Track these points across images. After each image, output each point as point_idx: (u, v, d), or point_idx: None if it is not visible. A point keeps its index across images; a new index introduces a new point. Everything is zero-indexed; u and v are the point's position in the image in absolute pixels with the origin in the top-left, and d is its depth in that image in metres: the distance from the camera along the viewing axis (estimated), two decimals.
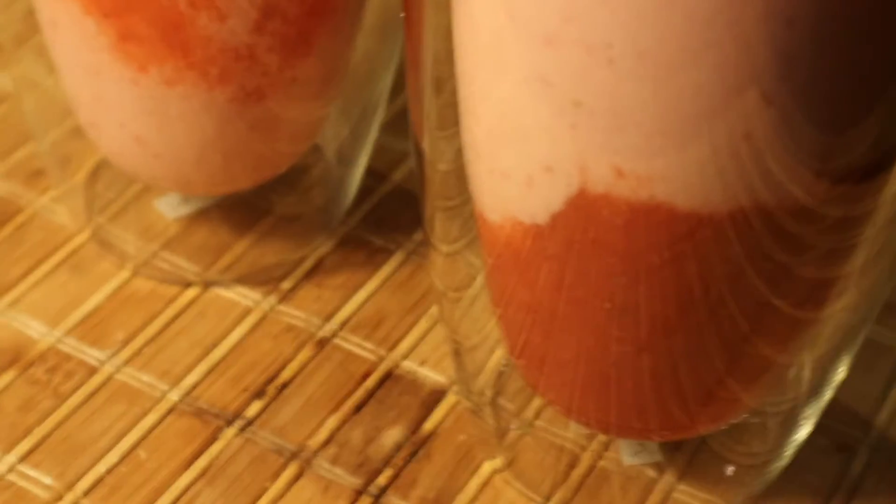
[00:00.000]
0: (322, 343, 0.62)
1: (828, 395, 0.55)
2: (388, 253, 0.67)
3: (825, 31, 0.42)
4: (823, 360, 0.54)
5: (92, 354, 0.61)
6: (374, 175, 0.68)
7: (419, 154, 0.53)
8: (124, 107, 0.58)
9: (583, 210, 0.47)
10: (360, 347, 0.62)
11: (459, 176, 0.52)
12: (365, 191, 0.67)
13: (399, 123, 0.69)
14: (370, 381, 0.61)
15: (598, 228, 0.47)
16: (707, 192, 0.45)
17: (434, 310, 0.62)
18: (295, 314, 0.63)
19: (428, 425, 0.59)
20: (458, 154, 0.51)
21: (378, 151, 0.67)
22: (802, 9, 0.41)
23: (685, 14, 0.41)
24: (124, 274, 0.65)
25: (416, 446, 0.58)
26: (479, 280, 0.55)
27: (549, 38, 0.43)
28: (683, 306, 0.48)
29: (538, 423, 0.58)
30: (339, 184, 0.66)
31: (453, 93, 0.49)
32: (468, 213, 0.53)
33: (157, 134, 0.58)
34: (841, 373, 0.55)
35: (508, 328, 0.54)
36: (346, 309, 0.64)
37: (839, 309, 0.51)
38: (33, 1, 0.58)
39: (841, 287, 0.50)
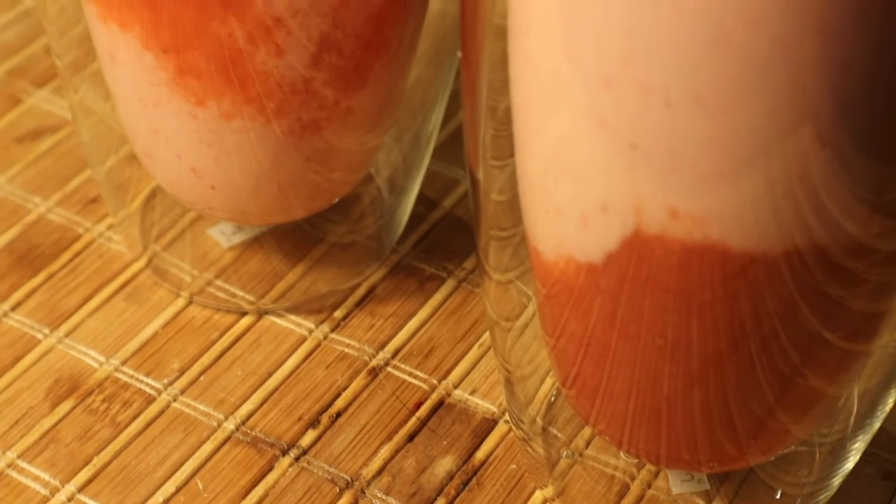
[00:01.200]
0: (375, 372, 0.62)
1: (876, 424, 0.55)
2: (440, 280, 0.66)
3: (879, 75, 0.41)
4: (873, 391, 0.53)
5: (149, 383, 0.61)
6: (425, 202, 0.68)
7: (474, 183, 0.53)
8: (181, 139, 0.58)
9: (637, 249, 0.46)
10: (412, 376, 0.62)
11: (514, 206, 0.51)
12: (416, 217, 0.67)
13: (449, 149, 0.69)
14: (422, 410, 0.60)
15: (652, 267, 0.47)
16: (761, 231, 0.45)
17: (485, 338, 0.62)
18: (348, 343, 0.63)
19: (480, 454, 0.59)
20: (513, 184, 0.51)
21: (428, 178, 0.67)
22: (856, 54, 0.41)
23: (741, 59, 0.41)
24: (180, 302, 0.65)
25: (468, 475, 0.58)
26: (532, 309, 0.55)
27: (607, 80, 0.43)
28: (735, 341, 0.48)
29: (588, 452, 0.57)
30: (392, 211, 0.66)
31: (509, 123, 0.49)
32: (522, 244, 0.52)
33: (214, 165, 0.58)
34: (890, 403, 0.54)
35: (560, 359, 0.53)
36: (399, 337, 0.64)
37: (890, 340, 0.50)
38: (91, 32, 0.58)
39: (891, 319, 0.49)
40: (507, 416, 0.59)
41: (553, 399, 0.58)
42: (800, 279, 0.46)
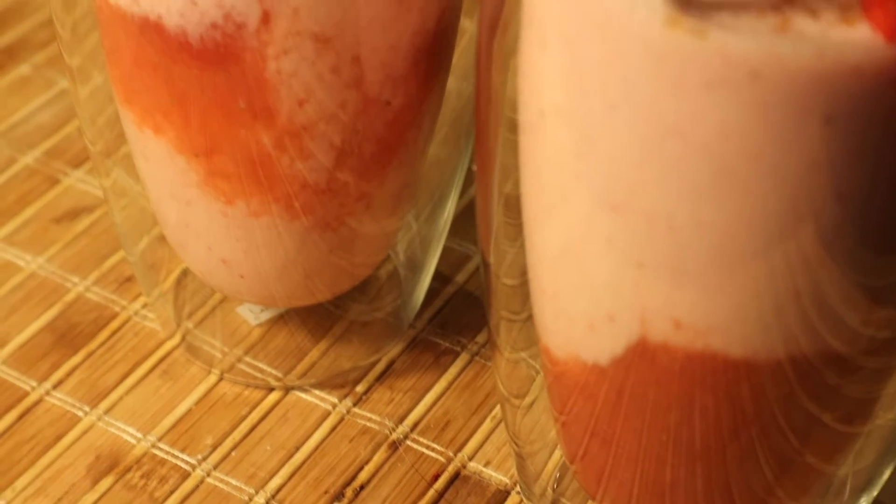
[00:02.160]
0: (395, 445, 0.62)
1: (874, 494, 0.55)
2: (454, 354, 0.66)
3: (872, 203, 0.42)
4: (870, 467, 0.53)
5: (184, 459, 0.61)
6: (439, 277, 0.67)
7: (485, 265, 0.53)
8: (212, 233, 0.58)
9: (642, 355, 0.47)
10: (429, 449, 0.62)
11: (524, 290, 0.51)
12: (430, 293, 0.67)
13: (461, 225, 0.69)
14: (440, 483, 0.60)
15: (656, 371, 0.47)
16: (762, 340, 0.45)
17: (497, 411, 0.62)
18: (370, 416, 0.63)
19: None
20: (524, 269, 0.51)
21: (442, 253, 0.66)
22: (851, 185, 0.41)
23: (742, 189, 0.41)
24: (212, 378, 0.65)
25: None
26: (541, 382, 0.55)
27: (616, 205, 0.44)
28: (736, 435, 0.48)
29: None
30: (409, 289, 0.66)
31: (520, 214, 0.49)
32: (531, 325, 0.52)
33: (243, 257, 0.58)
34: (885, 476, 0.54)
35: (567, 437, 0.53)
36: (417, 411, 0.63)
37: (886, 421, 0.50)
38: (126, 132, 0.58)
39: (887, 402, 0.50)
40: (518, 488, 0.59)
41: (559, 476, 0.57)
42: (801, 377, 0.46)
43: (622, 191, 0.43)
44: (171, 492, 0.60)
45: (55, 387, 0.64)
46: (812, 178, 0.41)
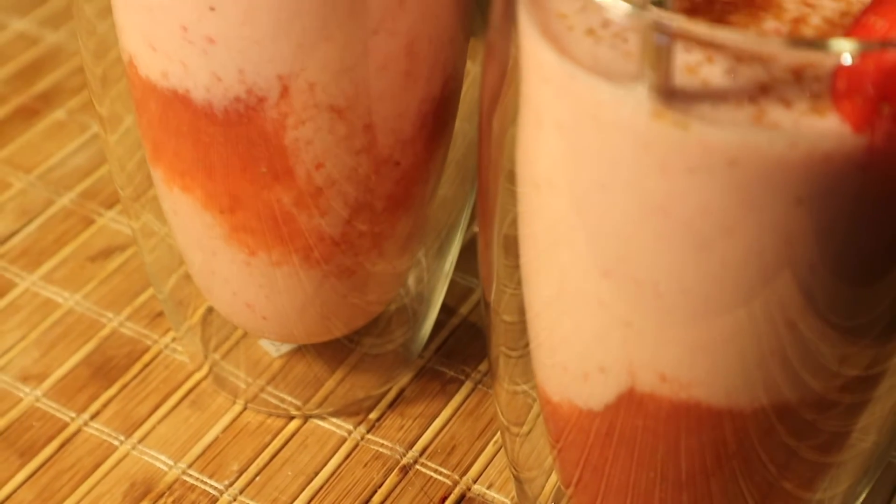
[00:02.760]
0: (405, 469, 0.62)
1: None
2: (459, 383, 0.66)
3: (841, 275, 0.42)
4: (845, 491, 0.53)
5: (212, 485, 0.61)
6: (444, 309, 0.67)
7: (486, 303, 0.53)
8: (236, 280, 0.58)
9: (631, 402, 0.47)
10: (437, 472, 0.61)
11: (522, 329, 0.51)
12: (436, 325, 0.67)
13: (464, 259, 0.68)
14: None
15: (644, 417, 0.47)
16: (742, 391, 0.45)
17: (499, 436, 0.62)
18: (382, 443, 0.63)
19: None
20: (522, 309, 0.51)
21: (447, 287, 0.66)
22: (821, 259, 0.42)
23: (721, 260, 0.42)
24: (237, 408, 0.64)
25: None
26: (537, 410, 0.54)
27: (606, 271, 0.44)
28: (720, 468, 0.49)
29: None
30: (418, 322, 0.66)
31: (518, 258, 0.49)
32: (529, 361, 0.52)
33: (266, 301, 0.59)
34: (861, 497, 0.55)
35: (562, 465, 0.54)
36: (425, 437, 0.63)
37: (860, 449, 0.50)
38: (157, 189, 0.58)
39: (861, 432, 0.50)
40: None
41: (555, 499, 0.57)
42: (780, 418, 0.47)
43: (612, 259, 0.44)
44: None
45: (93, 417, 0.64)
46: (786, 251, 0.41)
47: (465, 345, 0.67)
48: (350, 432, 0.63)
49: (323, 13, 0.49)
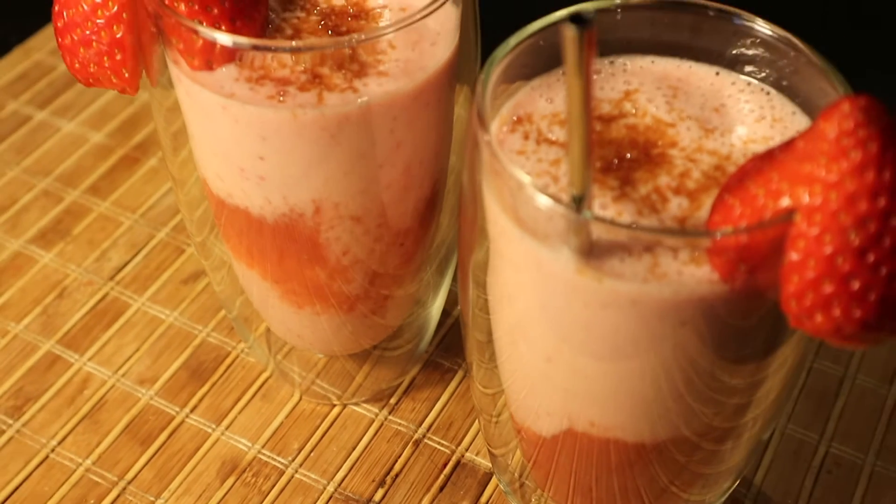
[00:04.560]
0: (417, 443, 0.62)
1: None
2: (454, 372, 0.66)
3: (713, 363, 0.45)
4: (719, 493, 0.54)
5: (278, 460, 0.61)
6: (443, 312, 0.67)
7: (464, 323, 0.53)
8: (288, 321, 0.60)
9: (571, 437, 0.50)
10: (440, 444, 0.62)
11: (490, 349, 0.51)
12: (437, 325, 0.67)
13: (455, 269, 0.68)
14: (447, 469, 0.61)
15: (581, 447, 0.50)
16: (646, 434, 0.48)
17: None
18: (399, 422, 0.63)
19: (483, 499, 0.60)
20: (490, 331, 0.51)
21: None
22: (698, 356, 0.44)
23: (629, 358, 0.45)
24: (295, 398, 0.64)
25: None
26: (503, 402, 0.54)
27: (548, 357, 0.47)
28: (629, 478, 0.51)
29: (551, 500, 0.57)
30: (425, 325, 0.66)
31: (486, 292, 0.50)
32: (496, 371, 0.52)
33: (311, 334, 0.61)
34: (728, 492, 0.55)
35: (524, 448, 0.55)
36: (430, 416, 0.64)
37: (729, 465, 0.52)
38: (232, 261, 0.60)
39: (728, 453, 0.51)
40: (495, 475, 0.60)
41: (521, 469, 0.57)
42: (675, 446, 0.49)
43: (553, 352, 0.46)
44: (273, 486, 0.60)
45: (192, 411, 0.64)
46: (674, 354, 0.44)
47: (458, 341, 0.67)
48: (376, 415, 0.64)
49: (342, 158, 0.51)
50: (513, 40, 0.46)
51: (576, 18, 0.33)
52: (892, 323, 0.38)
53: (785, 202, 0.38)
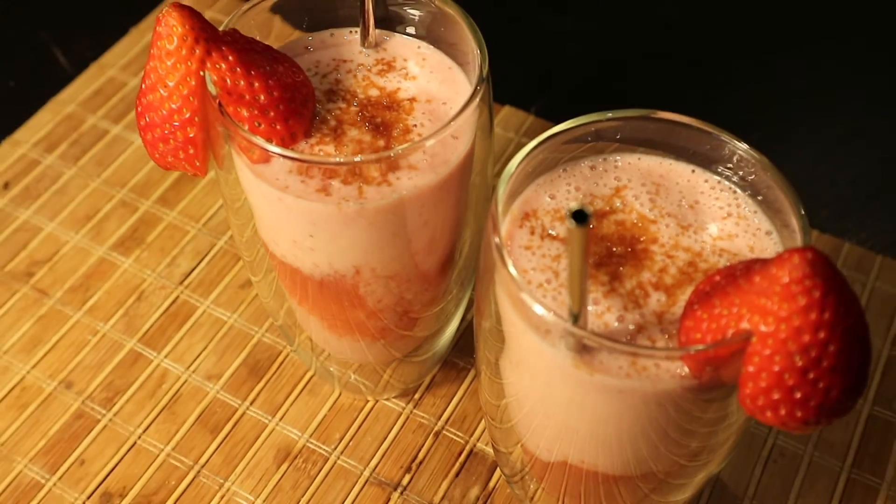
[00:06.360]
0: (437, 434, 0.64)
1: None
2: (467, 371, 0.66)
3: (679, 430, 0.47)
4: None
5: (323, 448, 0.63)
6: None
7: (477, 363, 0.54)
8: (332, 346, 0.62)
9: (565, 467, 0.52)
10: (455, 435, 0.63)
11: (497, 370, 0.52)
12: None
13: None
14: (462, 457, 0.62)
15: (570, 475, 0.52)
16: (630, 469, 0.50)
17: None
18: (422, 415, 0.65)
19: (491, 484, 0.62)
20: (498, 369, 0.51)
21: None
22: (666, 424, 0.46)
23: (616, 428, 0.47)
24: (336, 394, 0.65)
25: (487, 497, 0.61)
26: (504, 407, 0.54)
27: (549, 416, 0.48)
28: (606, 496, 0.53)
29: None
30: (446, 334, 0.65)
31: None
32: (500, 383, 0.53)
33: (350, 352, 0.62)
34: None
35: (526, 455, 0.55)
36: (448, 410, 0.65)
37: (687, 497, 0.54)
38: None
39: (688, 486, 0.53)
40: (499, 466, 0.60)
41: (522, 464, 0.58)
42: (641, 477, 0.51)
43: (551, 412, 0.48)
44: (319, 470, 0.62)
45: (252, 404, 0.65)
46: (650, 424, 0.46)
47: (471, 343, 0.63)
48: (403, 409, 0.65)
49: (378, 237, 0.52)
50: (520, 155, 0.48)
51: (577, 215, 0.35)
52: (827, 420, 0.41)
53: (744, 324, 0.41)
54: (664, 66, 0.88)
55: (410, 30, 0.57)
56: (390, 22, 0.57)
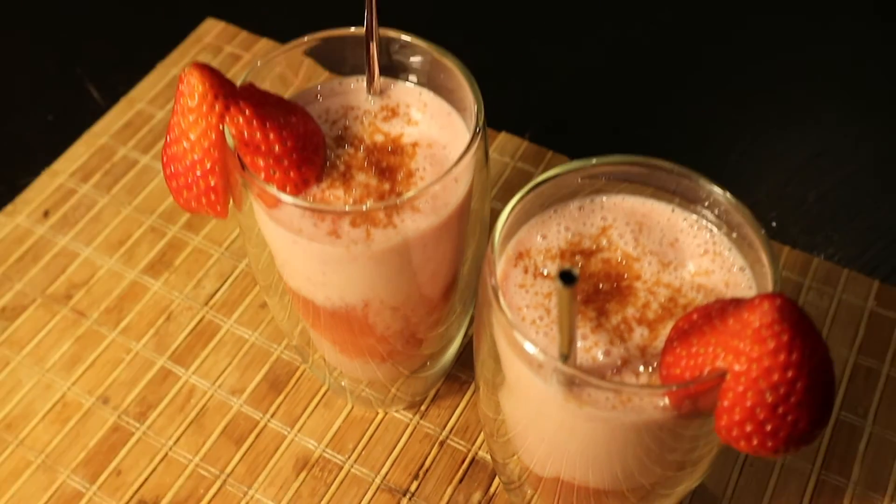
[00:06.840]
0: (442, 443, 0.63)
1: None
2: (469, 383, 0.66)
3: (661, 453, 0.48)
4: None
5: (338, 457, 0.63)
6: None
7: (476, 379, 0.53)
8: (345, 367, 0.62)
9: (558, 482, 0.52)
10: (458, 444, 0.63)
11: (495, 386, 0.52)
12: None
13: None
14: (465, 465, 0.62)
15: (565, 488, 0.52)
16: (609, 482, 0.50)
17: None
18: (428, 426, 0.64)
19: (492, 490, 0.61)
20: (497, 386, 0.51)
21: None
22: (647, 450, 0.47)
23: (606, 452, 0.47)
24: (348, 406, 0.65)
25: (488, 501, 0.61)
26: (507, 427, 0.54)
27: (543, 439, 0.49)
28: (612, 496, 0.53)
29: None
30: (451, 350, 0.64)
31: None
32: (497, 397, 0.53)
33: (361, 374, 0.62)
34: None
35: (522, 466, 0.55)
36: (451, 421, 0.64)
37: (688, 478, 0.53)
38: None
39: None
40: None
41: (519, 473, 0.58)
42: (632, 488, 0.51)
43: (544, 435, 0.49)
44: (335, 478, 0.62)
45: (272, 416, 0.65)
46: (635, 448, 0.46)
47: (471, 358, 0.63)
48: (411, 420, 0.65)
49: (384, 274, 0.53)
50: (514, 200, 0.48)
51: (565, 276, 0.36)
52: (795, 448, 0.41)
53: (720, 363, 0.41)
54: (644, 93, 0.88)
55: (413, 77, 0.56)
56: (394, 69, 0.56)
